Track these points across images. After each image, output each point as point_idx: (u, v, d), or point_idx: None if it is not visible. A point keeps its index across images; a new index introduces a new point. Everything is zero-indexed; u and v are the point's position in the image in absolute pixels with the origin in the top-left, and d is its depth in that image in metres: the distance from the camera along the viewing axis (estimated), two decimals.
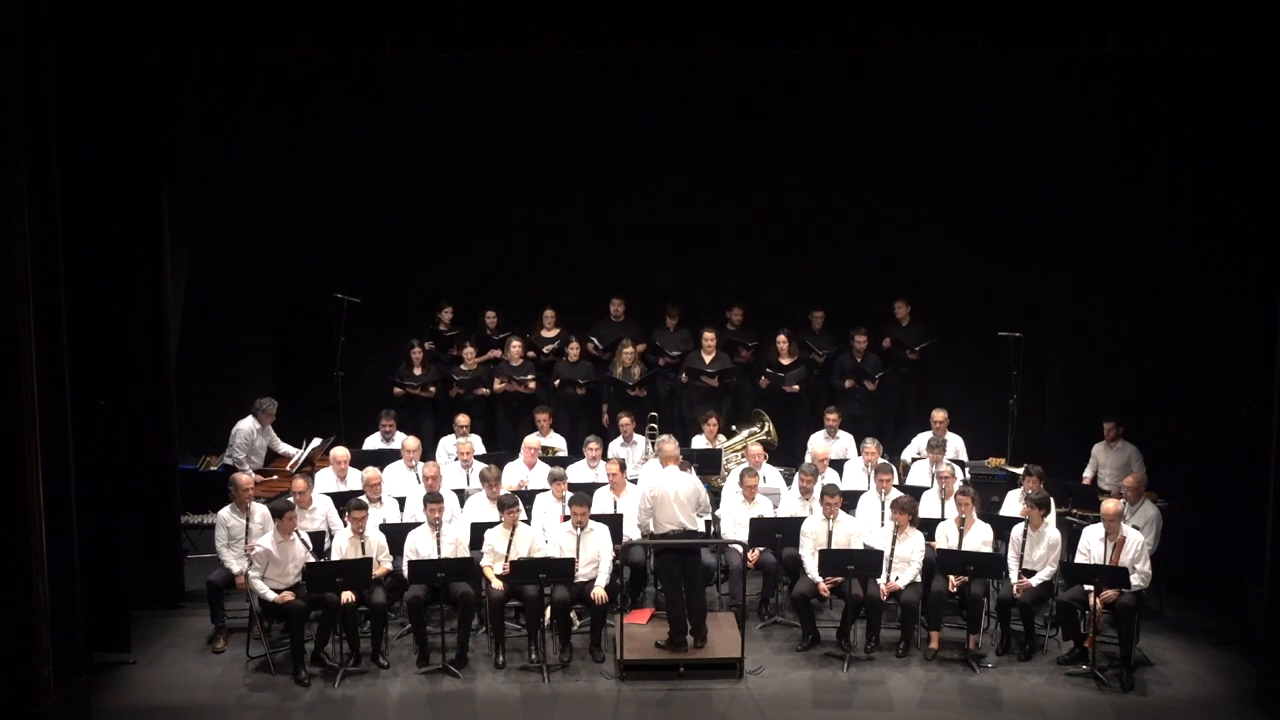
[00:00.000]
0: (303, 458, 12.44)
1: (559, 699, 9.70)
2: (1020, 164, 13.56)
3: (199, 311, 12.44)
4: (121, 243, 10.45)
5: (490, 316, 13.79)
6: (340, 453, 11.63)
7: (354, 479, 11.49)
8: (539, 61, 12.23)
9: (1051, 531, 10.36)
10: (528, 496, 11.06)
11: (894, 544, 10.39)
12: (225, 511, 10.61)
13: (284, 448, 12.58)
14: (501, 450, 12.52)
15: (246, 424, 12.31)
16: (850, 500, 11.10)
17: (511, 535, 10.27)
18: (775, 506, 11.22)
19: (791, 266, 14.04)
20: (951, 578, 10.30)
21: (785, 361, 13.40)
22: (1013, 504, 11.16)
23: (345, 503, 10.59)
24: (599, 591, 10.14)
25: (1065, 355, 13.73)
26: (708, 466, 11.93)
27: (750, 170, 13.85)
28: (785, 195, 13.90)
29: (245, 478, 10.91)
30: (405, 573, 10.19)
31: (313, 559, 10.17)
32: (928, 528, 10.67)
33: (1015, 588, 10.20)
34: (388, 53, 10.27)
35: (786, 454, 12.84)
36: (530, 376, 13.26)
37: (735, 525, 10.85)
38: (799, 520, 10.71)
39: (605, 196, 13.92)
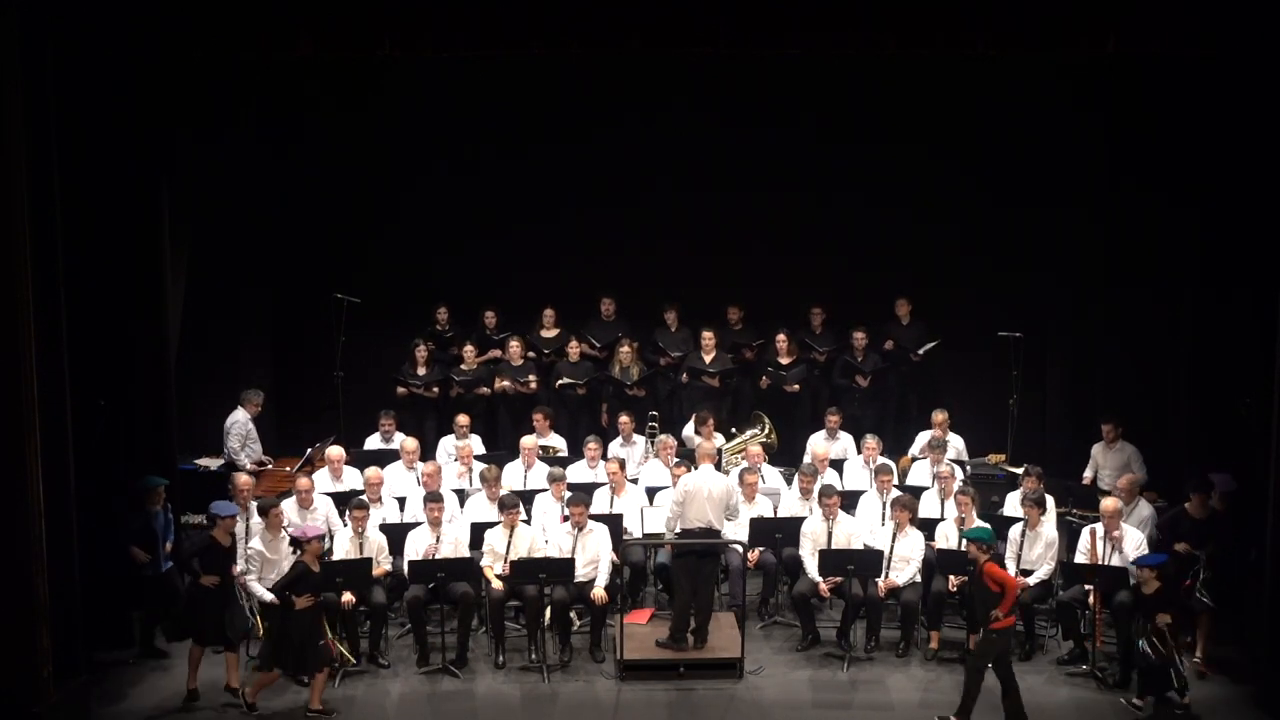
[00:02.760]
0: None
1: (559, 699, 9.71)
2: (1021, 164, 13.54)
3: (199, 311, 12.43)
4: (121, 243, 10.45)
5: (490, 316, 13.79)
6: (335, 452, 11.62)
7: (349, 478, 11.50)
8: (539, 61, 12.21)
9: (1049, 530, 10.37)
10: (528, 496, 11.05)
11: (894, 543, 10.40)
12: None
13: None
14: (502, 450, 12.51)
15: (240, 415, 12.32)
16: (850, 500, 11.10)
17: (511, 535, 10.27)
18: (775, 506, 11.23)
19: (791, 266, 14.02)
20: (951, 578, 10.30)
21: (785, 361, 13.40)
22: (1013, 504, 11.15)
23: (346, 502, 10.60)
24: (599, 592, 10.14)
25: (1065, 355, 13.72)
26: None
27: (751, 170, 13.83)
28: (785, 195, 13.89)
29: (245, 478, 10.91)
30: (405, 573, 10.20)
31: None
32: (928, 528, 10.67)
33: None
34: (388, 53, 10.29)
35: (787, 454, 12.84)
36: (531, 377, 13.25)
37: (735, 525, 10.84)
38: (799, 520, 10.71)
39: (605, 196, 13.91)
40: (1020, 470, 11.47)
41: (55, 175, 9.00)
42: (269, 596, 9.87)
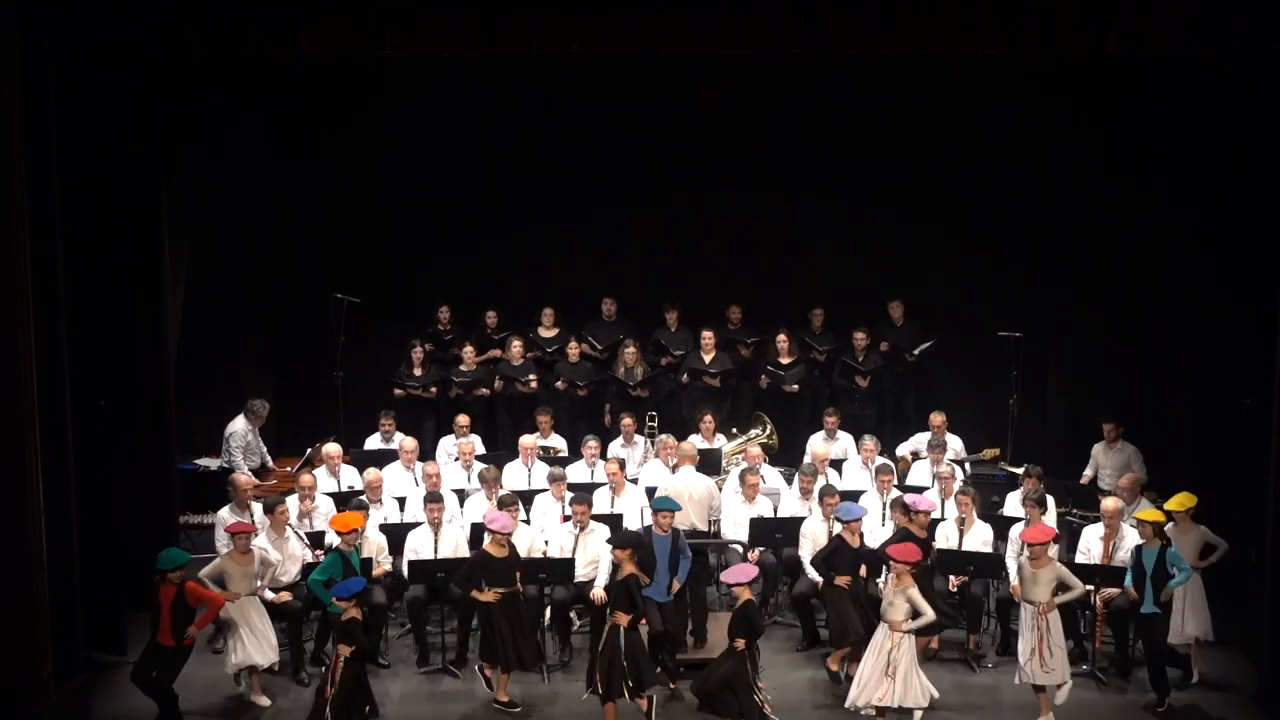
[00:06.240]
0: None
1: (559, 699, 9.71)
2: (1021, 164, 13.54)
3: (199, 311, 12.44)
4: (121, 244, 10.46)
5: (490, 316, 13.79)
6: (332, 449, 11.62)
7: (346, 476, 11.50)
8: (539, 61, 12.20)
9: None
10: (527, 497, 11.04)
11: None
12: (225, 511, 10.59)
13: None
14: (502, 450, 12.51)
15: (240, 424, 12.31)
16: (850, 500, 11.07)
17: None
18: (775, 506, 11.22)
19: (792, 266, 14.03)
20: (951, 578, 10.29)
21: (785, 360, 13.39)
22: (1013, 504, 11.15)
23: (345, 503, 10.59)
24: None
25: (1065, 355, 13.72)
26: (707, 466, 11.90)
27: (751, 170, 13.84)
28: (786, 195, 13.89)
29: (245, 478, 10.92)
30: (405, 573, 10.19)
31: (309, 557, 10.16)
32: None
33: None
34: (387, 53, 10.30)
35: (787, 454, 12.83)
36: (531, 377, 13.25)
37: (735, 525, 10.85)
38: (799, 520, 10.70)
39: (605, 196, 13.90)
40: (1020, 470, 11.46)
41: (55, 176, 9.01)
42: (270, 595, 9.88)
